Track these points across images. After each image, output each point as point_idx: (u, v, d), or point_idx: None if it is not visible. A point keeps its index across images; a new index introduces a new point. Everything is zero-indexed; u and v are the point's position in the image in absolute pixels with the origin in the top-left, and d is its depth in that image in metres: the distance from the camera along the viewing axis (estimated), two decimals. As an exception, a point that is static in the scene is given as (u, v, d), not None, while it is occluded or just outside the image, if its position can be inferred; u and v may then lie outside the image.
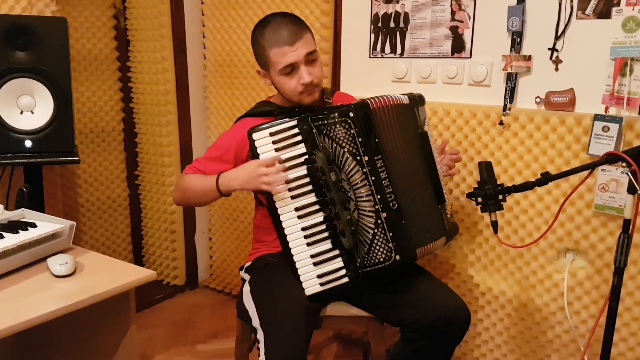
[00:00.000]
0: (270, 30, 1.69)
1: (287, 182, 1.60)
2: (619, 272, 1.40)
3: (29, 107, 1.91)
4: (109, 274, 1.43)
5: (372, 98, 1.63)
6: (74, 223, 1.54)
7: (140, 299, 2.87)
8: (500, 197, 1.53)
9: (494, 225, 1.56)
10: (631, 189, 1.37)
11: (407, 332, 1.66)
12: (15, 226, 1.50)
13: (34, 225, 1.53)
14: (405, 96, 1.71)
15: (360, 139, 1.58)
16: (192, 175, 1.77)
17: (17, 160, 1.90)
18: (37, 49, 1.87)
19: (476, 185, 1.55)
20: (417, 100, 1.73)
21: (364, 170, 1.59)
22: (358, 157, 1.59)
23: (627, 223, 1.39)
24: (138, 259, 3.18)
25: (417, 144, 1.70)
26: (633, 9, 1.66)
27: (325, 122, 1.60)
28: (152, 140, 2.96)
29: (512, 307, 2.07)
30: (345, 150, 1.59)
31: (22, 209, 1.65)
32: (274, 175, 1.59)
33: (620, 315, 1.81)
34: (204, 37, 2.85)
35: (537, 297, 2.01)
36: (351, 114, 1.57)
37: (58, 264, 1.39)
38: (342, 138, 1.59)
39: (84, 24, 2.68)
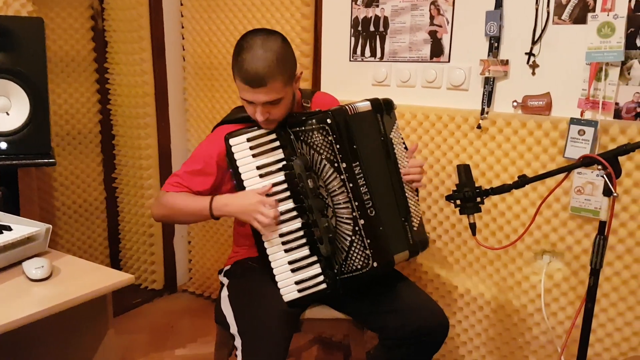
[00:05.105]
0: (240, 61, 1.53)
1: (277, 223, 1.60)
2: (594, 274, 1.42)
3: (4, 108, 1.87)
4: (85, 278, 1.40)
5: (348, 105, 1.61)
6: (50, 226, 1.52)
7: (118, 304, 2.82)
8: (478, 199, 1.55)
9: (472, 227, 1.57)
10: (606, 192, 1.39)
11: (386, 339, 1.66)
12: (-11, 229, 1.47)
13: (9, 229, 1.51)
14: (367, 102, 1.65)
15: (338, 146, 1.56)
16: (178, 194, 1.69)
17: (-8, 163, 1.86)
18: (13, 49, 1.84)
19: (454, 188, 1.57)
20: (381, 106, 1.67)
21: (342, 177, 1.57)
22: (336, 164, 1.57)
23: (602, 225, 1.41)
24: (115, 263, 3.13)
25: (381, 152, 1.66)
26: (608, 15, 1.69)
27: (303, 128, 1.58)
28: (130, 142, 2.93)
29: (490, 309, 2.09)
30: (323, 157, 1.58)
31: (-3, 212, 1.62)
32: (270, 219, 1.57)
33: (596, 316, 1.84)
34: (183, 38, 2.83)
35: (515, 299, 2.03)
36: (329, 121, 1.55)
37: (34, 267, 1.37)
38: (319, 145, 1.58)
39: (61, 25, 2.64)
